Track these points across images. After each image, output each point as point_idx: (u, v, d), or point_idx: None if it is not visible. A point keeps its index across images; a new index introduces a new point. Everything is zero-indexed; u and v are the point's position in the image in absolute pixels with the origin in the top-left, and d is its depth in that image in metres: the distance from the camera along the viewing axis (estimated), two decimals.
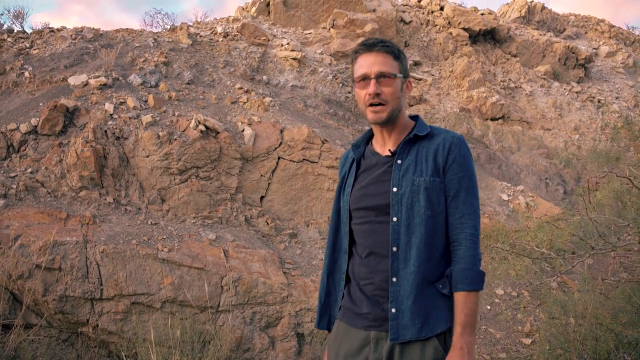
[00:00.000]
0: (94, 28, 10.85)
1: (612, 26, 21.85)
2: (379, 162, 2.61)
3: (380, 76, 2.47)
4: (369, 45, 2.52)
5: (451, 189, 2.47)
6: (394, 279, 2.44)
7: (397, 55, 2.53)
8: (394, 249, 2.45)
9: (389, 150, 2.59)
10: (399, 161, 2.52)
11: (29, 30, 10.99)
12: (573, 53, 17.55)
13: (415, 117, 2.69)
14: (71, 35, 10.35)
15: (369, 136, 2.74)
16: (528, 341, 7.29)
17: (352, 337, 2.56)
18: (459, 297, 2.39)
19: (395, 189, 2.48)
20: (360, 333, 2.53)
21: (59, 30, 10.68)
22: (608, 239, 5.63)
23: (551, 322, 5.92)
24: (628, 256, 5.28)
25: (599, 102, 16.47)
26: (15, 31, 10.80)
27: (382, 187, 2.53)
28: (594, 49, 20.04)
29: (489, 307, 8.05)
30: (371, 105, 2.49)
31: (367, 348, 2.51)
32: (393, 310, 2.43)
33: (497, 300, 8.22)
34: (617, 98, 17.08)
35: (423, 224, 2.43)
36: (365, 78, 2.50)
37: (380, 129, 2.61)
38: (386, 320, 2.46)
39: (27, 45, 10.05)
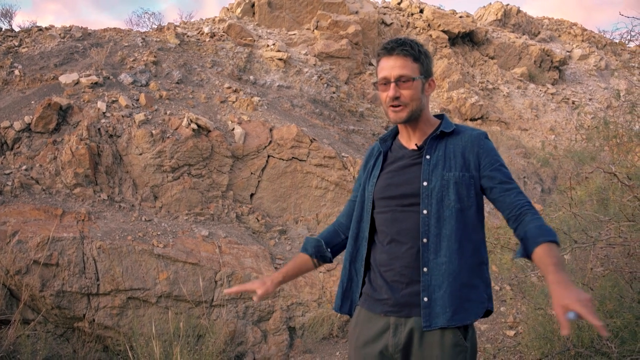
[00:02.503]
0: (81, 27, 10.89)
1: (584, 30, 22.31)
2: (405, 155, 2.67)
3: (400, 79, 2.53)
4: (390, 49, 2.58)
5: (495, 178, 2.51)
6: (425, 269, 2.49)
7: (416, 57, 2.58)
8: (425, 240, 2.51)
9: (415, 144, 2.65)
10: (427, 156, 2.58)
11: (15, 29, 10.98)
12: (548, 56, 17.95)
13: (440, 116, 2.77)
14: (60, 34, 10.39)
15: (396, 132, 2.81)
16: (511, 333, 7.50)
17: (372, 323, 2.61)
18: (543, 248, 2.31)
19: (425, 183, 2.54)
20: (380, 319, 2.59)
21: (47, 29, 10.70)
22: (590, 233, 5.86)
23: (535, 312, 6.11)
24: (611, 248, 5.52)
25: (573, 103, 16.87)
26: (2, 29, 10.79)
27: (407, 176, 2.60)
28: (568, 51, 20.47)
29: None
30: (392, 106, 2.56)
31: (386, 333, 2.56)
32: (425, 299, 2.48)
33: None
34: (590, 100, 17.50)
35: (453, 217, 2.50)
36: (386, 82, 2.56)
37: (404, 126, 2.68)
38: (405, 306, 2.52)
39: (16, 43, 10.06)
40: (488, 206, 10.70)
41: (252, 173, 8.95)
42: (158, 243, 7.18)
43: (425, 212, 2.51)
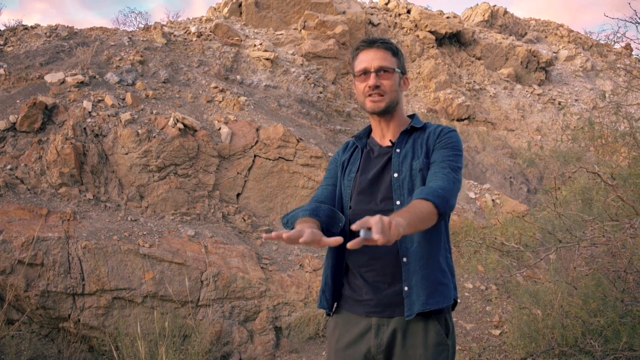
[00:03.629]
0: (67, 26, 10.84)
1: (570, 31, 22.47)
2: (380, 153, 2.71)
3: (380, 70, 2.59)
4: (369, 42, 2.66)
5: (435, 160, 2.53)
6: (404, 259, 2.51)
7: (395, 52, 2.67)
8: None
9: (390, 140, 2.71)
10: (397, 150, 2.64)
11: (1, 28, 10.93)
12: (534, 56, 18.06)
13: (412, 116, 2.84)
14: (45, 33, 10.34)
15: (369, 130, 2.85)
16: (497, 332, 7.54)
17: (353, 324, 2.62)
18: (415, 203, 2.28)
19: (396, 175, 2.58)
20: (362, 320, 2.59)
21: (33, 27, 10.65)
22: (574, 233, 5.91)
23: (520, 312, 6.15)
24: (594, 247, 5.57)
25: (559, 104, 16.99)
26: None
27: (383, 174, 2.63)
28: (554, 52, 20.61)
29: (459, 301, 8.32)
30: (370, 95, 2.61)
31: (368, 334, 2.56)
32: (406, 288, 2.50)
33: (466, 293, 8.50)
34: (576, 100, 17.63)
35: None
36: (365, 72, 2.61)
37: (378, 120, 2.72)
38: (388, 307, 2.53)
39: (1, 42, 10.00)
40: (474, 206, 10.75)
41: (238, 173, 8.95)
42: (144, 243, 7.16)
43: (398, 203, 2.53)
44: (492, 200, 10.95)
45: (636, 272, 5.04)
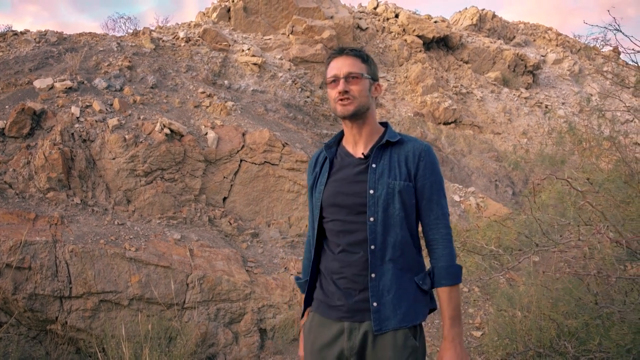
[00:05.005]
0: (57, 32, 10.95)
1: (559, 34, 22.62)
2: (352, 163, 2.78)
3: (349, 76, 2.67)
4: (339, 51, 2.76)
5: (424, 193, 2.68)
6: (373, 275, 2.63)
7: (364, 59, 2.75)
8: (372, 247, 2.63)
9: (362, 153, 2.76)
10: (373, 165, 2.70)
11: None
12: (522, 60, 18.22)
13: (384, 124, 2.89)
14: (35, 39, 10.45)
15: (340, 137, 2.93)
16: (478, 334, 7.66)
17: (327, 327, 2.73)
18: (444, 293, 2.61)
19: (372, 191, 2.65)
20: (335, 324, 2.71)
21: (22, 33, 10.75)
22: (551, 237, 6.06)
23: (499, 314, 6.29)
24: (567, 251, 5.71)
25: (546, 107, 17.14)
26: None
27: (356, 187, 2.70)
28: (542, 56, 20.76)
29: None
30: (340, 100, 2.68)
31: (341, 338, 2.68)
32: (375, 304, 2.61)
33: None
34: (563, 104, 17.79)
35: (398, 224, 2.64)
36: (335, 79, 2.70)
37: (350, 126, 2.79)
38: (359, 312, 2.65)
39: None
40: (459, 209, 10.90)
41: (224, 177, 9.08)
42: (130, 246, 7.28)
43: (372, 219, 2.64)
44: (477, 203, 11.10)
45: (606, 276, 5.17)
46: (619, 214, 5.76)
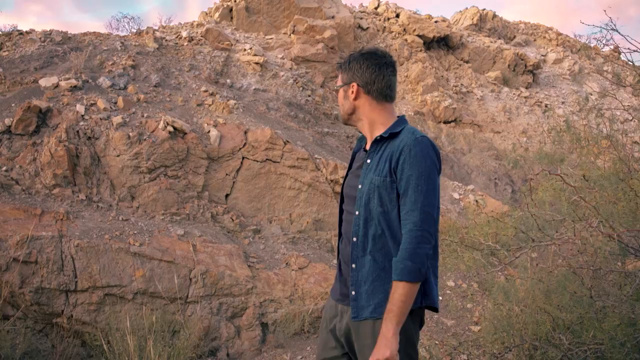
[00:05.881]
0: (62, 31, 11.08)
1: (559, 34, 22.66)
2: (359, 157, 2.99)
3: (336, 91, 2.98)
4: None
5: (401, 187, 2.67)
6: (353, 265, 2.79)
7: (343, 68, 2.96)
8: (354, 239, 2.78)
9: (364, 149, 2.96)
10: (368, 160, 2.83)
11: None
12: (522, 60, 18.30)
13: (401, 117, 2.96)
14: (40, 38, 10.58)
15: None
16: (476, 328, 7.76)
17: (330, 307, 3.01)
18: (392, 286, 2.62)
19: (360, 186, 2.80)
20: (334, 304, 2.98)
21: (27, 32, 10.88)
22: (547, 232, 6.17)
23: (496, 308, 6.40)
24: (562, 245, 5.83)
25: (546, 106, 17.22)
26: None
27: (356, 181, 2.87)
28: (542, 55, 20.82)
29: (440, 298, 8.58)
30: None
31: (336, 318, 2.93)
32: (353, 292, 2.77)
33: (448, 291, 8.76)
34: (563, 103, 17.86)
35: (376, 219, 2.72)
36: None
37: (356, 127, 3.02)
38: (346, 297, 2.85)
39: None
40: (458, 206, 11.03)
41: (227, 174, 9.22)
42: (134, 242, 7.42)
43: (357, 213, 2.80)
44: (476, 200, 11.22)
45: (597, 269, 5.29)
46: (614, 210, 5.87)
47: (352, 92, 2.91)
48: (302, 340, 7.71)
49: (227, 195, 9.24)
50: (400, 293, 2.56)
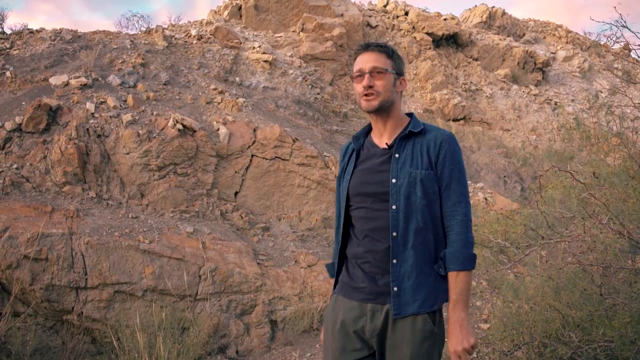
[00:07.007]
0: (72, 30, 11.14)
1: (569, 31, 22.58)
2: (376, 153, 2.86)
3: (373, 71, 2.73)
4: (365, 46, 2.83)
5: (443, 180, 2.71)
6: (394, 261, 2.70)
7: (390, 54, 2.80)
8: (394, 234, 2.70)
9: (386, 143, 2.84)
10: (396, 155, 2.77)
11: (7, 31, 11.21)
12: (531, 57, 18.25)
13: (410, 114, 2.95)
14: (50, 37, 10.64)
15: (368, 129, 3.00)
16: (486, 326, 7.73)
17: (349, 308, 2.82)
18: (451, 277, 2.65)
19: (394, 180, 2.72)
20: (357, 305, 2.79)
21: (38, 31, 10.94)
22: (556, 230, 6.14)
23: (505, 305, 6.37)
24: (571, 242, 5.80)
25: (555, 104, 17.16)
26: None
27: (380, 176, 2.78)
28: (552, 53, 20.75)
29: None
30: (365, 95, 2.75)
31: (363, 319, 2.76)
32: (395, 288, 2.69)
33: None
34: (572, 101, 17.80)
35: (419, 212, 2.69)
36: (360, 73, 2.77)
37: (375, 119, 2.87)
38: (381, 295, 2.73)
39: (7, 45, 10.31)
40: None
41: (236, 172, 9.23)
42: (144, 239, 7.45)
43: (394, 207, 2.72)
44: (485, 198, 11.20)
45: (607, 266, 5.27)
46: (624, 207, 5.83)
47: (402, 84, 2.89)
48: (311, 337, 7.71)
49: (236, 193, 9.26)
50: (465, 281, 2.65)
